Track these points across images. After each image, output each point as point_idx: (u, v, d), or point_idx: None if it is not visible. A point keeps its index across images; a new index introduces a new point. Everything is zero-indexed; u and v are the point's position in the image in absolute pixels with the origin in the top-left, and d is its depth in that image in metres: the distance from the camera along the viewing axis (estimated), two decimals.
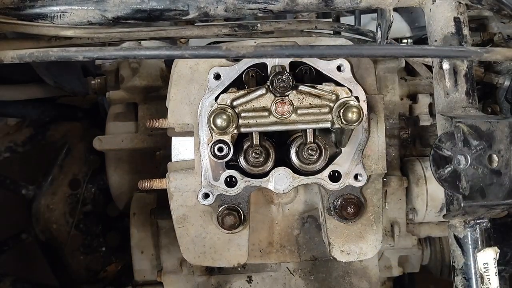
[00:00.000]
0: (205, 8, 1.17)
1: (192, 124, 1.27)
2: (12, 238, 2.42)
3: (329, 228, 1.32)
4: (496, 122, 1.08)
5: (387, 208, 1.68)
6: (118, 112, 1.98)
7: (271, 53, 1.05)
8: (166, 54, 1.07)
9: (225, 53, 1.05)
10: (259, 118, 1.17)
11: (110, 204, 2.40)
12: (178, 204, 1.31)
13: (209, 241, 1.32)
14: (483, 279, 1.11)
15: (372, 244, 1.33)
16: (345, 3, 1.19)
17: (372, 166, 1.28)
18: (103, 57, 1.06)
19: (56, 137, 2.53)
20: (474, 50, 1.06)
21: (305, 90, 1.17)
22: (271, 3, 1.17)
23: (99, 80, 2.04)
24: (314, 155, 1.21)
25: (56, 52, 1.05)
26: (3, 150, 2.42)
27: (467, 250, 1.13)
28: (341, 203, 1.27)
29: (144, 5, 1.17)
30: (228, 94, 1.18)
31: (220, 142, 1.17)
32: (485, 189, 1.07)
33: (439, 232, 1.81)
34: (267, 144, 1.23)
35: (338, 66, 1.25)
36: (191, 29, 1.31)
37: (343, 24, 1.51)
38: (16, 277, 2.29)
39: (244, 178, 1.24)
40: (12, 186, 2.43)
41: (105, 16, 1.17)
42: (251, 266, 1.62)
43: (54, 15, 1.18)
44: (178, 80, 1.28)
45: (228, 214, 1.24)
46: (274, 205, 1.43)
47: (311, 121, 1.18)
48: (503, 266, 1.80)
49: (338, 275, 1.62)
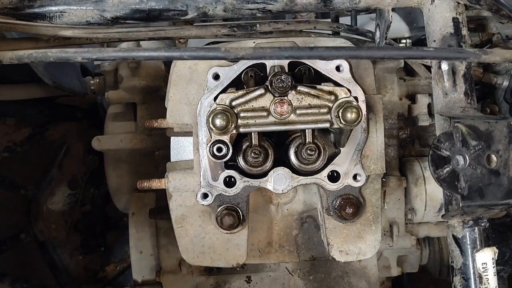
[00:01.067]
0: (204, 8, 1.17)
1: (191, 124, 1.27)
2: (11, 238, 2.42)
3: (328, 228, 1.32)
4: (495, 122, 1.08)
5: (386, 208, 1.68)
6: (117, 112, 1.98)
7: (270, 54, 1.05)
8: (165, 56, 1.07)
9: (224, 55, 1.05)
10: (258, 118, 1.17)
11: (109, 204, 2.40)
12: (177, 204, 1.31)
13: (208, 241, 1.32)
14: (481, 279, 1.11)
15: (371, 244, 1.33)
16: (344, 3, 1.19)
17: (371, 166, 1.28)
18: (102, 58, 1.06)
19: (55, 137, 2.53)
20: (473, 52, 1.06)
21: (304, 90, 1.17)
22: (270, 3, 1.17)
23: (98, 80, 2.04)
24: (313, 155, 1.21)
25: (55, 53, 1.05)
26: (2, 150, 2.42)
27: (466, 250, 1.13)
28: (340, 203, 1.27)
29: (142, 5, 1.17)
30: (227, 94, 1.18)
31: (219, 142, 1.17)
32: (484, 189, 1.07)
33: (438, 232, 1.81)
34: (266, 144, 1.23)
35: (337, 66, 1.25)
36: (190, 29, 1.31)
37: (342, 24, 1.52)
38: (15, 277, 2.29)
39: (243, 178, 1.24)
40: (11, 186, 2.43)
41: (103, 16, 1.17)
42: (250, 266, 1.62)
43: (53, 15, 1.17)
44: (177, 80, 1.28)
45: (227, 214, 1.24)
46: (273, 205, 1.43)
47: (310, 121, 1.18)
48: (502, 266, 1.80)
49: (337, 275, 1.62)
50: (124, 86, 1.89)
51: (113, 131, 1.92)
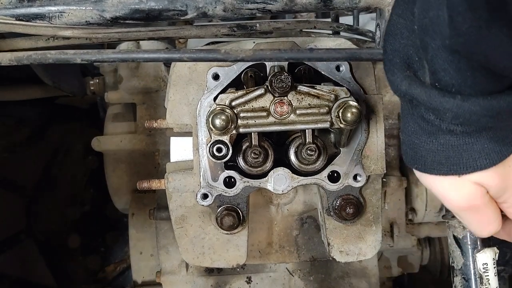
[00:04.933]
0: (204, 8, 1.17)
1: (190, 124, 1.27)
2: (11, 239, 2.42)
3: (328, 229, 1.32)
4: None
5: (386, 209, 1.68)
6: (116, 112, 1.98)
7: (269, 56, 1.04)
8: (165, 57, 1.07)
9: (223, 57, 1.05)
10: (258, 118, 1.17)
11: (109, 205, 2.40)
12: (177, 204, 1.31)
13: (208, 242, 1.31)
14: (482, 279, 1.11)
15: (371, 245, 1.33)
16: (344, 3, 1.19)
17: (371, 166, 1.28)
18: (102, 60, 1.06)
19: (55, 137, 2.53)
20: None
21: (304, 90, 1.17)
22: (269, 3, 1.17)
23: (98, 81, 2.04)
24: (313, 155, 1.21)
25: (54, 54, 1.05)
26: (2, 150, 2.42)
27: (467, 251, 1.13)
28: (340, 203, 1.27)
29: (142, 5, 1.16)
30: (226, 94, 1.18)
31: (219, 143, 1.17)
32: None
33: (439, 233, 1.81)
34: (266, 144, 1.23)
35: (337, 66, 1.25)
36: (190, 29, 1.31)
37: (342, 24, 1.51)
38: (15, 278, 2.29)
39: (243, 179, 1.24)
40: (11, 186, 2.43)
41: (103, 16, 1.17)
42: (250, 267, 1.62)
43: (52, 15, 1.17)
44: (177, 81, 1.28)
45: (227, 214, 1.24)
46: (273, 206, 1.43)
47: (310, 122, 1.17)
48: (503, 267, 1.80)
49: (337, 276, 1.62)
50: (124, 87, 1.89)
51: (113, 131, 1.92)
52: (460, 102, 0.75)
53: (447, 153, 0.83)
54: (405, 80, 0.81)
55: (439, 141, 0.83)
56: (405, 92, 0.81)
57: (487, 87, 0.75)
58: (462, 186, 0.86)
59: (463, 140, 0.81)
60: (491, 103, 0.75)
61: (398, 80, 0.82)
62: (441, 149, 0.83)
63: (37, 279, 2.45)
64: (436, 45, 0.74)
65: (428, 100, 0.78)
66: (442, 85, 0.77)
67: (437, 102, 0.77)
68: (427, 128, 0.83)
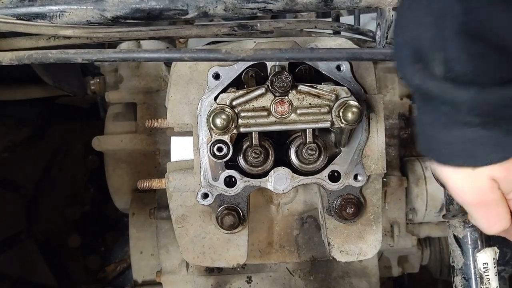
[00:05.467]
0: (204, 7, 1.17)
1: (191, 124, 1.27)
2: (11, 239, 2.42)
3: (329, 228, 1.32)
4: None
5: (386, 208, 1.68)
6: (117, 112, 1.97)
7: (270, 56, 1.04)
8: (166, 57, 1.07)
9: (224, 56, 1.05)
10: (258, 118, 1.17)
11: (109, 205, 2.40)
12: (177, 204, 1.31)
13: (208, 241, 1.31)
14: (482, 279, 1.11)
15: (371, 244, 1.33)
16: (345, 2, 1.19)
17: (372, 166, 1.28)
18: (102, 59, 1.06)
19: (55, 137, 2.53)
20: None
21: (305, 89, 1.17)
22: (270, 3, 1.17)
23: (98, 80, 2.04)
24: (313, 155, 1.21)
25: (55, 54, 1.05)
26: (2, 150, 2.42)
27: (467, 250, 1.13)
28: (340, 203, 1.27)
29: (143, 4, 1.16)
30: (227, 93, 1.18)
31: (219, 142, 1.17)
32: None
33: (439, 232, 1.81)
34: (266, 144, 1.23)
35: (337, 66, 1.25)
36: (190, 28, 1.31)
37: (342, 23, 1.51)
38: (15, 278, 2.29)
39: (244, 178, 1.24)
40: (11, 186, 2.43)
41: (104, 15, 1.17)
42: (250, 267, 1.62)
43: (53, 14, 1.17)
44: (177, 80, 1.28)
45: (227, 214, 1.24)
46: (273, 205, 1.43)
47: (311, 121, 1.17)
48: (503, 266, 1.80)
49: (337, 275, 1.62)
50: (125, 86, 1.89)
51: (113, 131, 1.92)
52: (475, 94, 0.74)
53: (463, 146, 0.81)
54: (417, 73, 0.79)
55: (455, 133, 0.81)
56: (418, 86, 0.80)
57: (500, 75, 0.74)
58: (475, 179, 0.84)
59: (478, 133, 0.79)
60: (507, 92, 0.74)
61: (410, 74, 0.81)
62: (457, 141, 0.82)
63: (37, 279, 2.45)
64: (448, 32, 0.72)
65: (442, 93, 0.77)
66: (455, 75, 0.75)
67: (452, 95, 0.76)
68: (442, 120, 0.81)
